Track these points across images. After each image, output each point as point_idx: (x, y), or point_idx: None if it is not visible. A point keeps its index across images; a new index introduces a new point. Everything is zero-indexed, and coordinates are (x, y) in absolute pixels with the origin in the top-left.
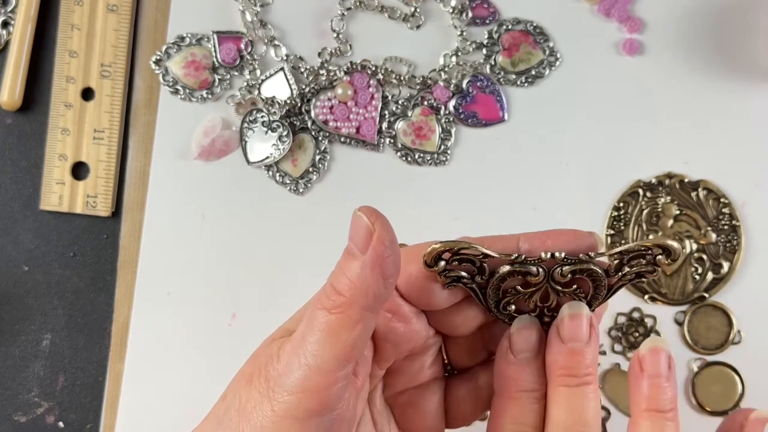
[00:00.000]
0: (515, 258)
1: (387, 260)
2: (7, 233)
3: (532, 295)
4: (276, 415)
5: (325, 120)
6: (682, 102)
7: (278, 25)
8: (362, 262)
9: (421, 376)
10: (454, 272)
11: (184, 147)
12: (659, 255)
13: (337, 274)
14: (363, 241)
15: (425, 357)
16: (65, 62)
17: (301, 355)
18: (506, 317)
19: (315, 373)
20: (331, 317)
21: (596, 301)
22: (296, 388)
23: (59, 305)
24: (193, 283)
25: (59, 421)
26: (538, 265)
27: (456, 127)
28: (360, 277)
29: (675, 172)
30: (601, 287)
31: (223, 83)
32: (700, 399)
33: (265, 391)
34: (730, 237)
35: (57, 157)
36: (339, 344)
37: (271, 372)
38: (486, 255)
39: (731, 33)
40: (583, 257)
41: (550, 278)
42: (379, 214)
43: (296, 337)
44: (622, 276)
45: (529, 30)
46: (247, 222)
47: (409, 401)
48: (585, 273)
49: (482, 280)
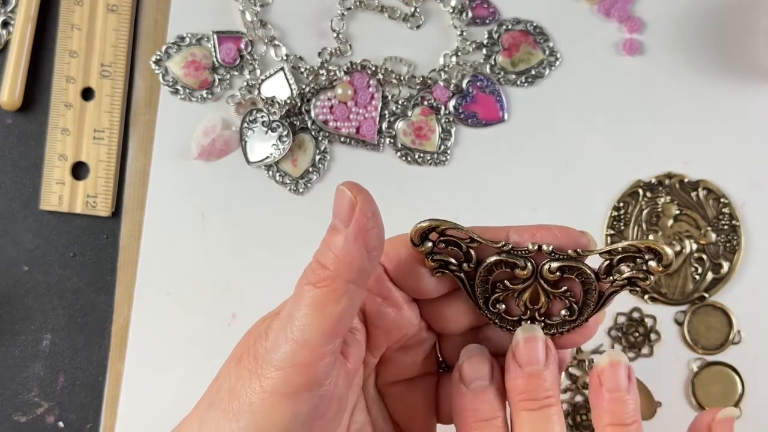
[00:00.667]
0: (502, 246)
1: (370, 232)
2: (7, 233)
3: (522, 294)
4: (264, 391)
5: (325, 120)
6: (682, 102)
7: (278, 25)
8: (345, 235)
9: (412, 369)
10: (442, 255)
11: (184, 147)
12: (651, 260)
13: (321, 249)
14: (346, 214)
15: (418, 351)
16: (65, 62)
17: (288, 330)
18: (496, 317)
19: (302, 347)
20: (317, 291)
21: (587, 308)
22: (284, 363)
23: (59, 305)
24: (193, 283)
25: (59, 421)
26: (525, 258)
27: (456, 127)
28: (344, 249)
29: (675, 172)
30: (591, 291)
31: (223, 83)
32: (700, 399)
33: (254, 368)
34: (730, 237)
35: (57, 157)
36: (325, 318)
37: (260, 350)
38: (473, 239)
39: (731, 33)
40: (571, 253)
41: (538, 275)
42: (362, 188)
43: (283, 314)
44: (613, 281)
45: (529, 30)
46: (247, 222)
47: (399, 393)
48: (574, 272)
49: (470, 269)
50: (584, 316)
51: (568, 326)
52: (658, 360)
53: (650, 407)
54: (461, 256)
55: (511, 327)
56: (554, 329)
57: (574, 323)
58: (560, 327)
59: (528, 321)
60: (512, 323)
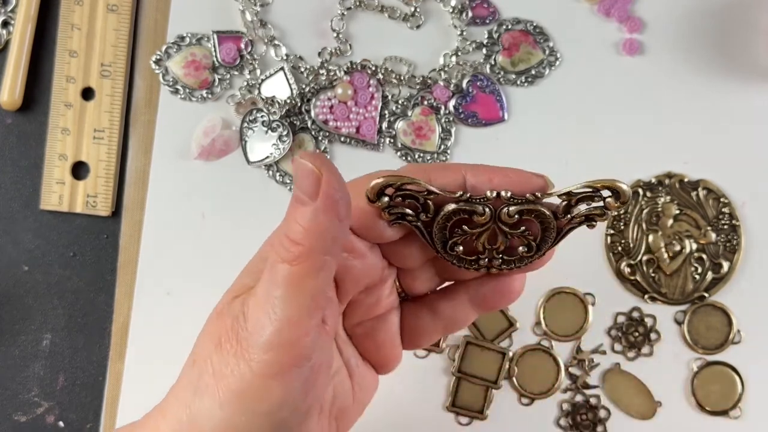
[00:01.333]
0: (460, 196)
1: (339, 202)
2: (7, 233)
3: (480, 236)
4: (255, 375)
5: (325, 120)
6: (682, 102)
7: (278, 24)
8: (314, 209)
9: (377, 308)
10: (398, 209)
11: (184, 147)
12: (609, 198)
13: (290, 225)
14: (311, 187)
15: (381, 289)
16: (65, 62)
17: (270, 311)
18: (454, 258)
19: (286, 326)
20: (293, 269)
21: (545, 245)
22: (270, 345)
23: (59, 305)
24: (193, 283)
25: (59, 420)
26: (483, 204)
27: (456, 127)
28: (314, 222)
29: (675, 171)
30: (549, 229)
31: (223, 83)
32: (700, 399)
33: (239, 352)
34: (730, 237)
35: (57, 156)
36: (305, 294)
37: (241, 332)
38: (430, 192)
39: (731, 33)
40: (530, 197)
41: (496, 218)
42: (323, 157)
43: (260, 294)
44: (571, 219)
45: (529, 30)
46: (247, 222)
47: (366, 332)
48: (533, 214)
49: (427, 218)
50: (542, 251)
51: (526, 261)
52: (658, 360)
53: (650, 407)
54: (418, 207)
55: (469, 266)
56: (512, 264)
57: (532, 258)
58: (518, 262)
59: (486, 260)
60: (470, 262)
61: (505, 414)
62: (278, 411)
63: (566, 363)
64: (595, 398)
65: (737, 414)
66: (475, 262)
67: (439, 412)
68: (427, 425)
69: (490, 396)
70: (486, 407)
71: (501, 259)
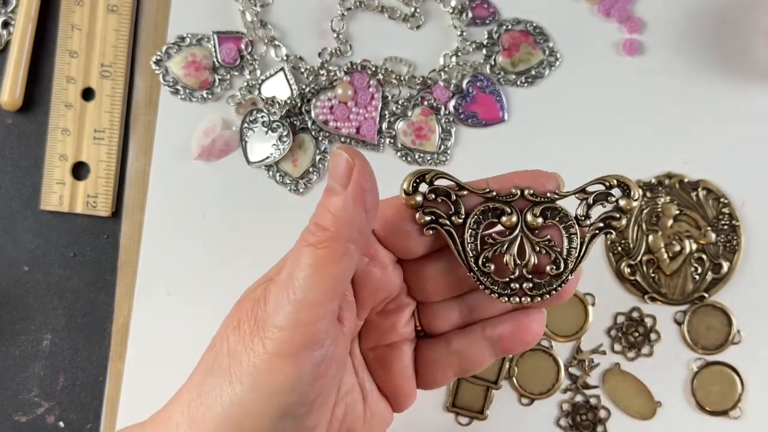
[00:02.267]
0: (486, 192)
1: (368, 193)
2: (7, 233)
3: (509, 248)
4: (267, 352)
5: (325, 120)
6: (682, 102)
7: (278, 25)
8: (345, 196)
9: (392, 334)
10: (432, 208)
11: (184, 147)
12: (620, 198)
13: (319, 212)
14: (344, 176)
15: (398, 316)
16: (65, 62)
17: (290, 291)
18: (486, 278)
19: (304, 307)
20: (318, 252)
21: (572, 256)
22: (286, 323)
23: (59, 305)
24: (193, 283)
25: (59, 421)
26: (510, 204)
27: (456, 127)
28: (343, 210)
29: (675, 172)
30: (573, 237)
31: (224, 83)
32: (700, 399)
33: (255, 330)
34: (729, 237)
35: (57, 157)
36: (327, 277)
37: (259, 313)
38: (461, 186)
39: (731, 33)
40: (550, 195)
41: (523, 224)
42: (358, 151)
43: (283, 277)
44: (591, 224)
45: (529, 30)
46: (247, 222)
47: (379, 357)
48: (555, 216)
49: (459, 221)
50: (569, 267)
51: (555, 283)
52: (657, 360)
53: (650, 407)
54: (450, 208)
55: (500, 290)
56: (543, 289)
57: (561, 278)
58: (548, 286)
59: (517, 282)
60: (501, 285)
61: (505, 414)
62: (287, 393)
63: (566, 363)
64: (595, 398)
65: (737, 414)
66: (507, 286)
67: (439, 412)
68: (427, 425)
69: (490, 396)
70: (486, 407)
71: (532, 283)
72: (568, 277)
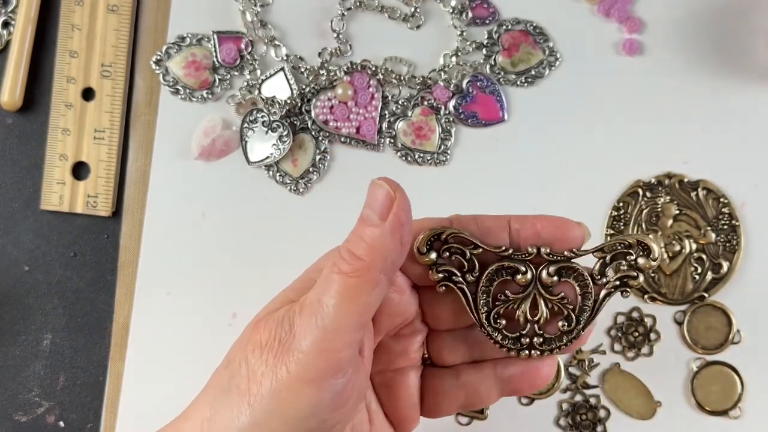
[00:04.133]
0: (502, 251)
1: (405, 227)
2: (7, 233)
3: (521, 304)
4: (291, 377)
5: (325, 120)
6: (682, 102)
7: (278, 25)
8: (383, 228)
9: (402, 359)
10: (446, 266)
11: (185, 147)
12: (639, 256)
13: (354, 240)
14: (383, 208)
15: (409, 342)
16: (66, 62)
17: (318, 317)
18: (498, 333)
19: (331, 334)
20: (350, 281)
21: (584, 315)
22: (311, 349)
23: (59, 305)
24: (193, 283)
25: (60, 420)
26: (525, 263)
27: (456, 127)
28: (380, 241)
29: (675, 172)
30: (587, 295)
31: (224, 83)
32: (700, 399)
33: (279, 354)
34: (729, 237)
35: (57, 157)
36: (357, 307)
37: (284, 336)
38: (475, 245)
39: (731, 33)
40: (567, 254)
41: (537, 281)
42: (398, 184)
43: (311, 301)
44: (606, 283)
45: (529, 30)
46: (247, 222)
47: (385, 383)
48: (571, 275)
49: (472, 279)
50: (581, 324)
51: (566, 338)
52: (657, 360)
53: (650, 407)
54: (464, 265)
55: (510, 345)
56: (553, 344)
57: (572, 334)
58: (558, 341)
59: (527, 338)
60: (512, 340)
61: (505, 414)
62: (307, 419)
63: (566, 363)
64: (594, 398)
65: (737, 414)
66: (517, 341)
67: None
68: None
69: None
70: (486, 407)
71: (542, 338)
72: (580, 333)
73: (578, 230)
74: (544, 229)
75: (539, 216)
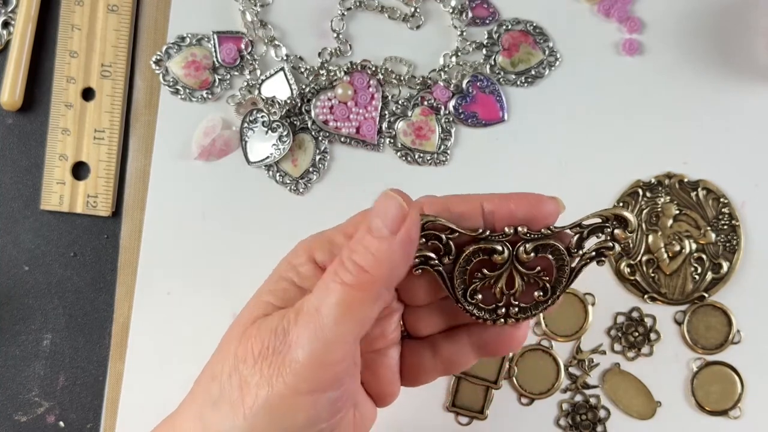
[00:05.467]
0: (480, 233)
1: (414, 243)
2: (7, 233)
3: (498, 280)
4: (288, 388)
5: (325, 120)
6: (682, 102)
7: (278, 25)
8: (392, 242)
9: (380, 341)
10: (422, 250)
11: (184, 147)
12: (616, 229)
13: (360, 252)
14: (395, 221)
15: (388, 323)
16: (65, 62)
17: (317, 328)
18: (473, 308)
19: (332, 346)
20: (353, 293)
21: (559, 285)
22: (309, 360)
23: (60, 305)
24: (193, 283)
25: (60, 420)
26: (502, 243)
27: (456, 127)
28: (388, 256)
29: (674, 172)
30: (563, 268)
31: (224, 83)
32: (700, 399)
33: (275, 365)
34: (729, 237)
35: (57, 157)
36: (358, 320)
37: (280, 347)
38: (452, 230)
39: (731, 33)
40: (545, 231)
41: (514, 258)
42: (410, 197)
43: (308, 309)
44: (582, 255)
45: (528, 30)
46: (247, 222)
47: (366, 364)
48: (548, 250)
49: (449, 261)
50: (557, 293)
51: (541, 307)
52: (657, 360)
53: (650, 407)
54: (440, 249)
55: (486, 316)
56: (528, 312)
57: (547, 303)
58: (533, 309)
59: (503, 308)
60: (487, 312)
61: (505, 414)
62: (303, 429)
63: (566, 363)
64: (594, 398)
65: (737, 414)
66: (493, 312)
67: (439, 412)
68: (427, 425)
69: (490, 396)
70: (486, 407)
71: (518, 308)
72: (556, 301)
73: (552, 204)
74: (519, 208)
75: (512, 195)
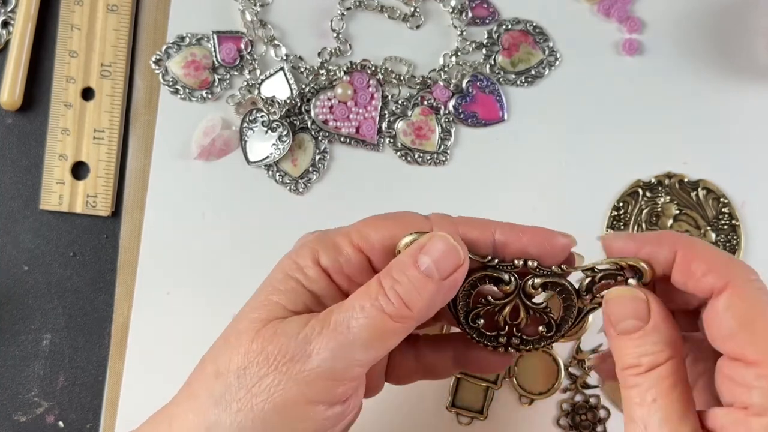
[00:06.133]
0: (488, 261)
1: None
2: (7, 233)
3: (502, 309)
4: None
5: (325, 120)
6: (682, 102)
7: (278, 25)
8: (440, 287)
9: None
10: None
11: (184, 147)
12: (630, 278)
13: (405, 285)
14: (448, 267)
15: None
16: (65, 62)
17: (345, 345)
18: (474, 332)
19: (356, 365)
20: (391, 324)
21: (566, 324)
22: (330, 374)
23: (59, 305)
24: (193, 283)
25: (59, 420)
26: (510, 273)
27: (456, 127)
28: (432, 299)
29: (674, 171)
30: (571, 307)
31: (223, 83)
32: None
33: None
34: (729, 237)
35: (57, 156)
36: (387, 347)
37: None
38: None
39: (731, 33)
40: (556, 269)
41: (521, 290)
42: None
43: (337, 326)
44: (592, 299)
45: (528, 30)
46: (247, 222)
47: None
48: (556, 288)
49: None
50: (561, 332)
51: (544, 342)
52: None
53: None
54: None
55: (486, 342)
56: (530, 345)
57: (550, 339)
58: (536, 343)
59: (505, 337)
60: (489, 338)
61: (505, 414)
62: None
63: (566, 363)
64: (594, 398)
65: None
66: (495, 339)
67: (439, 412)
68: (427, 425)
69: (490, 396)
70: (486, 407)
71: (520, 339)
72: (560, 339)
73: (565, 240)
74: (531, 244)
75: (525, 228)
